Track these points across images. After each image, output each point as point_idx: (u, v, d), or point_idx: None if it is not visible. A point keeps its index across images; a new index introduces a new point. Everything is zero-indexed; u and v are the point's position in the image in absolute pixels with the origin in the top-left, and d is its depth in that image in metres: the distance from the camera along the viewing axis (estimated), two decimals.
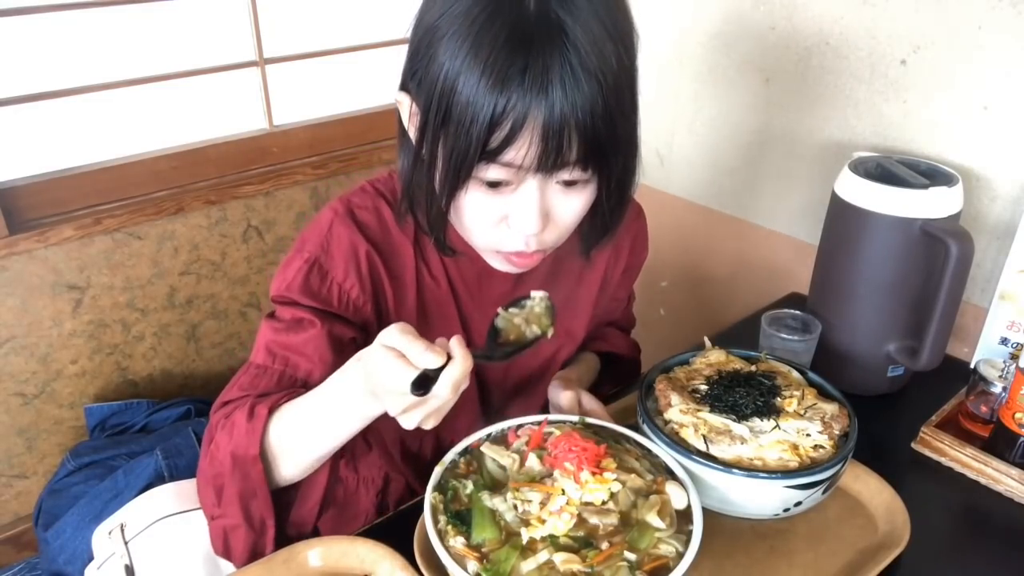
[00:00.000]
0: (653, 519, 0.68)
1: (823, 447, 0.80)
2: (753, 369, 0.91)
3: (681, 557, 0.66)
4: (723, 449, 0.79)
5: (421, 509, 0.71)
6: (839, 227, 1.07)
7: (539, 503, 0.69)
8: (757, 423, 0.81)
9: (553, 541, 0.66)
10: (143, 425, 1.57)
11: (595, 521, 0.68)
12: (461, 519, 0.69)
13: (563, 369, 1.03)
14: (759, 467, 0.78)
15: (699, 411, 0.83)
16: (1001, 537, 0.88)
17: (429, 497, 0.71)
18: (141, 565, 1.03)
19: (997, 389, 0.97)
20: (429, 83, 0.69)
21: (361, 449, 0.99)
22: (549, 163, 0.69)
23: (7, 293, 1.51)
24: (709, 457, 0.79)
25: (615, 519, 0.68)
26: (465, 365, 0.66)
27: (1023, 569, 0.82)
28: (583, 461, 0.72)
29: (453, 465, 0.76)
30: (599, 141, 0.69)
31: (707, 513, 0.73)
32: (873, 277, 1.03)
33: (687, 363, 0.94)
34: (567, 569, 0.64)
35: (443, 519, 0.69)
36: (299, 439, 0.78)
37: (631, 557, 0.65)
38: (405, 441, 0.99)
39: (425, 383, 0.64)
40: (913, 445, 0.99)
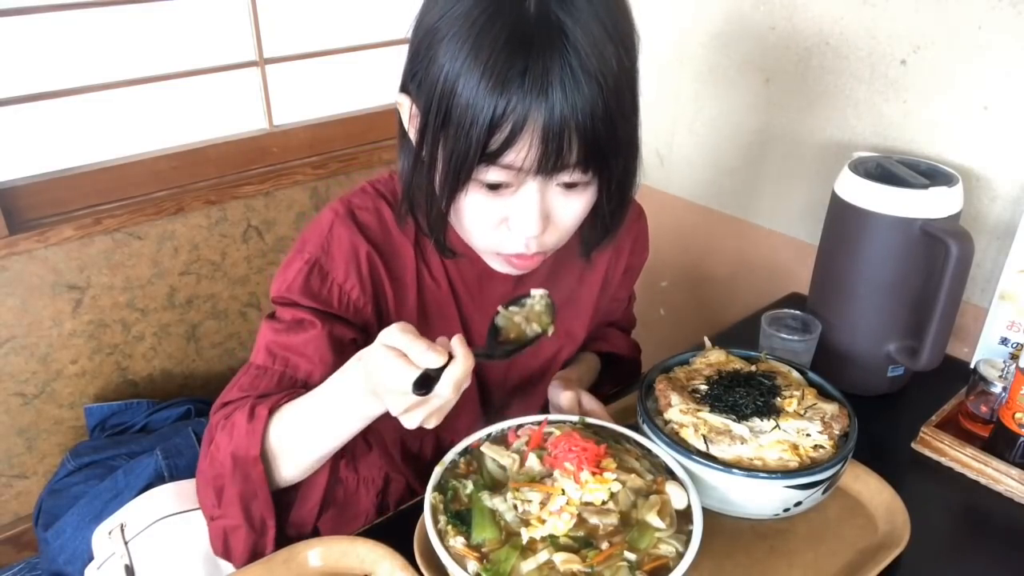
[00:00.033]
0: (653, 519, 0.68)
1: (823, 447, 0.80)
2: (753, 369, 0.91)
3: (681, 557, 0.66)
4: (723, 449, 0.79)
5: (421, 509, 0.71)
6: (839, 227, 1.07)
7: (539, 503, 0.69)
8: (757, 423, 0.81)
9: (553, 541, 0.66)
10: (143, 425, 1.57)
11: (595, 521, 0.68)
12: (461, 519, 0.69)
13: (563, 369, 1.03)
14: (759, 467, 0.78)
15: (699, 411, 0.83)
16: (1001, 537, 0.88)
17: (429, 497, 0.71)
18: (141, 565, 1.03)
19: (997, 389, 0.97)
20: (429, 85, 0.69)
21: (361, 449, 0.99)
22: (549, 165, 0.69)
23: (7, 293, 1.51)
24: (709, 457, 0.79)
25: (615, 519, 0.68)
26: (467, 364, 0.66)
27: (1023, 569, 0.82)
28: (583, 461, 0.72)
29: (453, 465, 0.76)
30: (599, 143, 0.69)
31: (707, 513, 0.73)
32: (873, 277, 1.03)
33: (687, 363, 0.94)
34: (567, 569, 0.64)
35: (443, 519, 0.69)
36: (299, 439, 0.78)
37: (631, 557, 0.65)
38: (405, 441, 0.99)
39: (427, 382, 0.64)
40: (913, 445, 0.99)
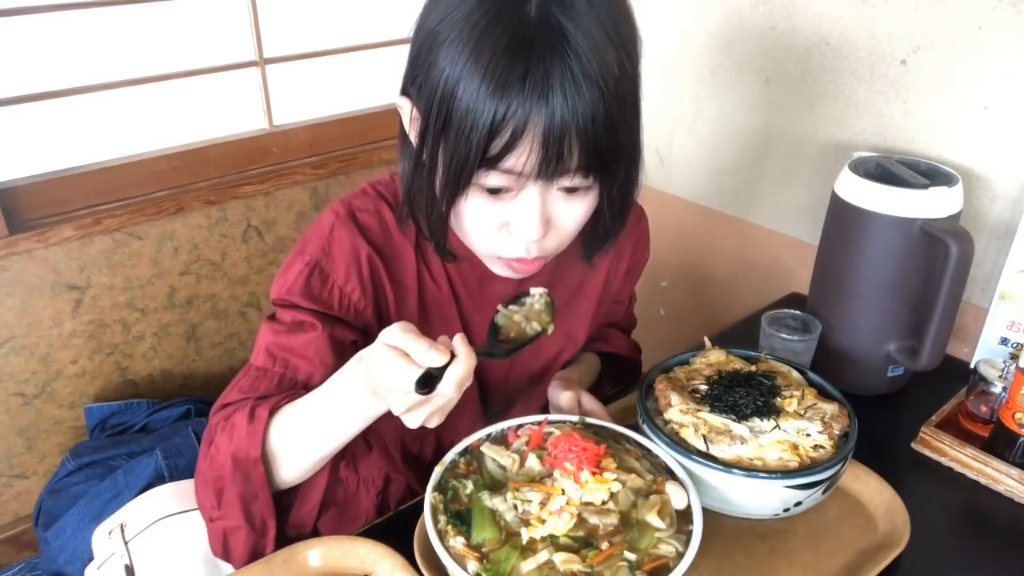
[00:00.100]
0: (653, 519, 0.68)
1: (823, 447, 0.80)
2: (753, 369, 0.91)
3: (681, 557, 0.66)
4: (723, 449, 0.79)
5: (421, 509, 0.71)
6: (839, 227, 1.07)
7: (539, 503, 0.69)
8: (757, 423, 0.81)
9: (553, 541, 0.66)
10: (143, 425, 1.57)
11: (595, 521, 0.68)
12: (461, 519, 0.69)
13: (563, 369, 1.03)
14: (759, 467, 0.78)
15: (699, 411, 0.83)
16: (1001, 537, 0.88)
17: (429, 497, 0.71)
18: (141, 565, 1.03)
19: (997, 389, 0.97)
20: (429, 88, 0.69)
21: (361, 450, 0.99)
22: (550, 170, 0.69)
23: (7, 293, 1.51)
24: (709, 457, 0.79)
25: (615, 519, 0.68)
26: (469, 363, 0.66)
27: (1023, 569, 0.82)
28: (583, 461, 0.72)
29: (453, 465, 0.76)
30: (600, 148, 0.69)
31: (707, 513, 0.73)
32: (873, 277, 1.03)
33: (687, 363, 0.94)
34: (567, 569, 0.64)
35: (443, 519, 0.69)
36: (300, 440, 0.78)
37: (631, 557, 0.65)
38: (405, 442, 0.99)
39: (429, 381, 0.64)
40: (913, 445, 0.99)
